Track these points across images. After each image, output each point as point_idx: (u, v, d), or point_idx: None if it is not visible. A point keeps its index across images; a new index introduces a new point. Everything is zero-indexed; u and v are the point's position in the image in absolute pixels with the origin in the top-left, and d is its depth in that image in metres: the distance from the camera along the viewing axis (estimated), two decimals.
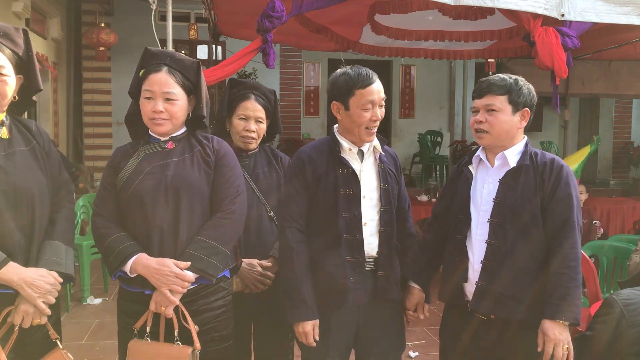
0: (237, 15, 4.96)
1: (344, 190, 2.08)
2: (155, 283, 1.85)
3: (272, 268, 2.32)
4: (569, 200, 1.99)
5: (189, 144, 2.02)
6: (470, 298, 2.07)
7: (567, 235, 1.96)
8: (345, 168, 2.10)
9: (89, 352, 3.74)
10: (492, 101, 2.06)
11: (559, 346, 1.89)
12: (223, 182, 1.99)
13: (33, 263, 1.81)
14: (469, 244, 2.10)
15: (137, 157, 1.98)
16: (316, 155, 2.13)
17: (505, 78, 2.08)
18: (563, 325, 1.90)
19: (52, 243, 1.86)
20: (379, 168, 2.17)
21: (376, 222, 2.13)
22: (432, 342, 3.93)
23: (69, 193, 1.98)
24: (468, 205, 2.12)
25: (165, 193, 1.91)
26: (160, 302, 1.86)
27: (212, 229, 1.94)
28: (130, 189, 1.92)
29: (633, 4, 3.29)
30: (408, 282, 2.25)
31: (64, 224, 1.92)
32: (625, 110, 10.06)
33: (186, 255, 1.89)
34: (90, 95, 8.05)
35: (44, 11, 6.64)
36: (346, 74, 2.08)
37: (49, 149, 1.95)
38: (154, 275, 1.85)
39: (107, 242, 1.91)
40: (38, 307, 1.75)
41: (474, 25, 4.46)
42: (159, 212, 1.90)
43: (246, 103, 2.37)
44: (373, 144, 2.16)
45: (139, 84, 1.98)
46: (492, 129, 2.07)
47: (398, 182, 2.24)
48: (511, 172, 2.05)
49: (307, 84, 9.73)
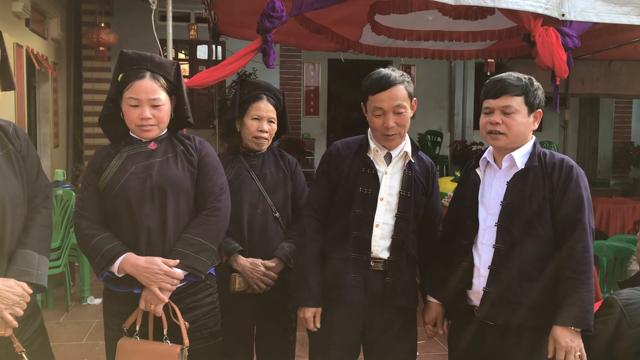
0: (237, 15, 4.95)
1: (362, 188, 2.09)
2: (144, 281, 1.85)
3: (275, 268, 2.32)
4: (580, 201, 1.92)
5: (171, 144, 2.04)
6: (476, 304, 2.02)
7: (578, 238, 1.90)
8: (368, 168, 2.11)
9: (89, 352, 3.73)
10: (510, 102, 1.97)
11: (571, 354, 1.81)
12: (207, 181, 2.01)
13: (3, 273, 1.71)
14: (475, 249, 2.04)
15: (119, 157, 1.97)
16: (346, 150, 2.16)
17: (521, 78, 2.00)
18: (575, 332, 1.82)
19: (24, 252, 1.75)
20: (405, 174, 2.13)
21: (391, 226, 2.11)
22: (432, 342, 3.92)
23: (46, 198, 1.89)
24: (476, 212, 2.05)
25: (151, 193, 1.92)
26: (150, 300, 1.87)
27: (199, 227, 1.95)
28: (115, 189, 1.92)
29: (633, 4, 3.28)
30: (426, 296, 2.22)
31: (38, 232, 1.81)
32: (625, 110, 10.06)
33: (174, 252, 1.90)
34: (90, 95, 8.04)
35: (44, 11, 6.64)
36: (370, 76, 2.10)
37: (26, 153, 1.84)
38: (143, 273, 1.84)
39: (93, 242, 1.89)
40: (5, 319, 1.64)
41: (474, 25, 4.46)
42: (146, 212, 1.91)
43: (259, 104, 2.38)
44: (404, 149, 2.15)
45: (118, 88, 1.96)
46: (509, 131, 1.98)
47: (426, 192, 2.19)
48: (519, 174, 1.99)
49: (307, 84, 9.72)
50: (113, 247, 1.88)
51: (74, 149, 7.87)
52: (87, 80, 8.03)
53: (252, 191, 2.36)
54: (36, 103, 6.88)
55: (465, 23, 4.16)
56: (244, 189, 2.35)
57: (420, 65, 10.01)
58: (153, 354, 1.87)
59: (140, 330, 1.91)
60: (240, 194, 2.34)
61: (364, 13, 4.48)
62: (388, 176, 2.12)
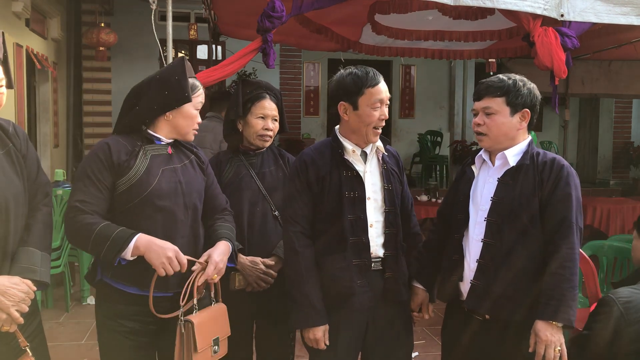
0: (237, 15, 4.96)
1: (348, 192, 2.08)
2: (153, 258, 1.82)
3: (275, 266, 2.32)
4: (568, 200, 1.96)
5: (182, 152, 2.07)
6: (465, 297, 2.06)
7: (564, 235, 1.93)
8: (349, 170, 2.10)
9: (89, 352, 3.74)
10: (489, 103, 2.05)
11: (551, 347, 1.86)
12: (215, 188, 2.17)
13: (6, 272, 1.73)
14: (465, 243, 2.10)
15: (144, 156, 1.95)
16: (318, 157, 2.13)
17: (503, 79, 2.05)
18: (556, 326, 1.87)
19: (27, 250, 1.77)
20: (382, 169, 2.16)
21: (382, 223, 2.13)
22: (432, 342, 3.93)
23: (46, 196, 1.89)
24: (467, 206, 2.11)
25: (182, 198, 1.96)
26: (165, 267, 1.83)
27: (226, 221, 2.12)
28: (148, 190, 1.89)
29: (632, 4, 3.29)
30: (412, 281, 2.24)
31: (39, 230, 1.83)
32: (625, 110, 10.06)
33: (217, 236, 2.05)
34: (90, 95, 8.04)
35: (44, 11, 6.64)
36: (353, 73, 2.08)
37: (26, 151, 1.85)
38: (155, 251, 1.82)
39: (97, 229, 1.82)
40: (12, 315, 1.67)
41: (474, 25, 4.46)
42: (180, 217, 1.95)
43: (263, 102, 2.40)
44: (376, 144, 2.16)
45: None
46: (489, 131, 2.05)
47: (401, 182, 2.23)
48: (510, 172, 2.03)
49: (307, 84, 9.73)
50: (122, 231, 1.83)
51: (74, 149, 7.87)
52: (87, 80, 8.03)
53: (251, 190, 2.36)
54: (36, 103, 6.88)
55: (465, 23, 4.17)
56: (243, 187, 2.36)
57: (420, 65, 10.02)
58: (215, 318, 1.97)
59: (149, 329, 1.94)
60: (240, 192, 2.34)
61: (364, 13, 4.48)
62: (369, 174, 2.13)
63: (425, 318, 2.26)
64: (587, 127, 10.66)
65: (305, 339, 2.09)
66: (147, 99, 1.98)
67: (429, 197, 6.17)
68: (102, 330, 1.99)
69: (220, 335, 1.96)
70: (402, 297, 2.16)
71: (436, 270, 2.24)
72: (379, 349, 2.16)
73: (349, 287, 2.05)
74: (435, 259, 2.22)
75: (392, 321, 2.16)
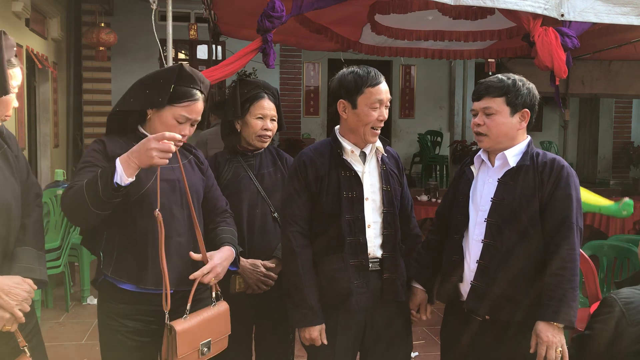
0: (237, 15, 4.96)
1: (346, 193, 2.07)
2: (143, 157, 1.73)
3: (275, 269, 2.32)
4: (569, 200, 1.96)
5: (180, 152, 2.03)
6: (465, 298, 2.06)
7: (564, 235, 1.93)
8: (347, 170, 2.09)
9: (89, 352, 3.73)
10: (489, 104, 2.04)
11: (552, 348, 1.86)
12: (215, 190, 2.16)
13: (7, 272, 1.74)
14: (465, 243, 2.09)
15: None
16: (317, 157, 2.12)
17: (502, 79, 2.05)
18: (557, 327, 1.87)
19: (25, 249, 1.79)
20: (381, 169, 2.16)
21: (380, 224, 2.12)
22: (432, 342, 3.93)
23: (37, 196, 1.90)
24: (467, 207, 2.10)
25: (180, 197, 1.95)
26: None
27: (228, 225, 2.12)
28: (145, 189, 1.89)
29: (632, 4, 3.29)
30: (411, 282, 2.24)
31: (34, 229, 1.84)
32: (625, 110, 10.06)
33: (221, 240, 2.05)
34: (90, 95, 8.05)
35: (44, 11, 6.64)
36: (355, 72, 2.08)
37: (17, 152, 1.87)
38: (138, 151, 1.73)
39: (84, 183, 1.77)
40: (15, 315, 1.68)
41: (474, 25, 4.46)
42: (177, 215, 1.94)
43: (262, 102, 2.38)
44: (375, 145, 2.15)
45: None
46: (490, 132, 2.04)
47: (400, 183, 2.22)
48: (510, 172, 2.03)
49: (307, 84, 9.73)
50: (104, 167, 1.78)
51: (74, 149, 7.87)
52: (87, 80, 8.03)
53: (250, 192, 2.35)
54: (36, 103, 6.89)
55: (465, 23, 4.17)
56: (242, 189, 2.35)
57: (420, 65, 10.02)
58: (210, 321, 1.90)
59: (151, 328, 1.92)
60: (239, 194, 2.33)
61: (364, 13, 4.49)
62: (368, 175, 2.13)
63: (423, 319, 2.26)
64: (587, 127, 10.66)
65: (302, 338, 2.10)
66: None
67: (429, 197, 6.16)
68: (103, 329, 1.98)
69: (213, 337, 1.92)
70: (400, 298, 2.15)
71: (435, 270, 2.23)
72: (378, 349, 2.15)
73: (347, 287, 2.05)
74: (434, 260, 2.22)
75: (391, 322, 2.15)
